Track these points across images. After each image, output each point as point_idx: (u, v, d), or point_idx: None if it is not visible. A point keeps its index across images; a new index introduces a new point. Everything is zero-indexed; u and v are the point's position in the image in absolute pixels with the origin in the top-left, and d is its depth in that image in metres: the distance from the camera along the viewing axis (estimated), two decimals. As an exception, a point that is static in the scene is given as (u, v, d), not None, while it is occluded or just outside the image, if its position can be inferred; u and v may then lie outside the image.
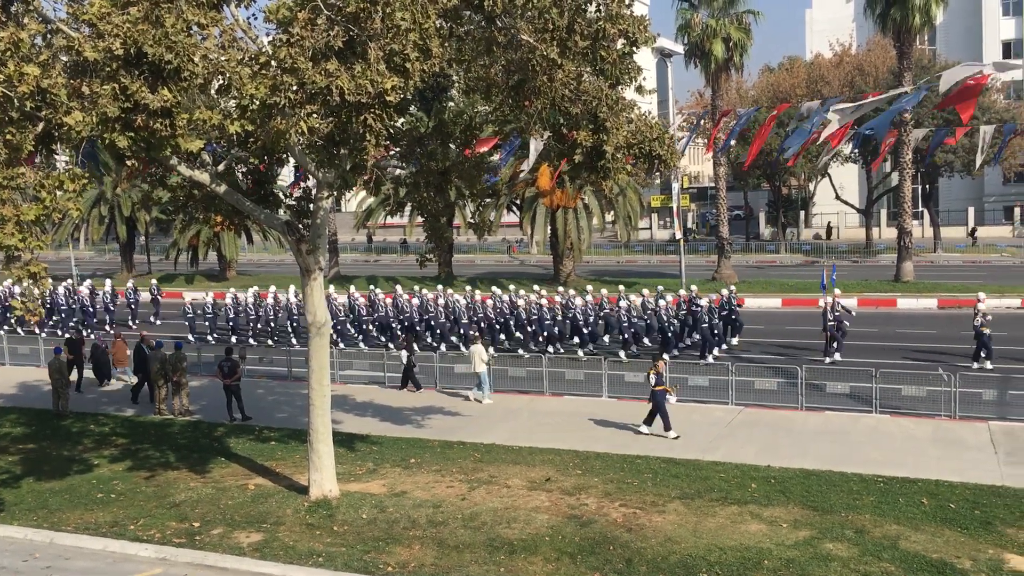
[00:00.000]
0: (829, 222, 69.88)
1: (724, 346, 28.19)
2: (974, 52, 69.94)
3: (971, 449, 17.55)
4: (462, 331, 29.64)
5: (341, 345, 29.78)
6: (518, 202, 47.45)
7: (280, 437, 20.03)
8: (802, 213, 73.38)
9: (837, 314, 26.16)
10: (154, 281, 39.82)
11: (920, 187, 60.72)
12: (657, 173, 53.70)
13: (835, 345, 26.04)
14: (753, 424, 19.91)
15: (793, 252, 60.58)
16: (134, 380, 24.89)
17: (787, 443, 18.37)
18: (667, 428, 19.06)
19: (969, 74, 22.24)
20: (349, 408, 22.45)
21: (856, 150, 55.75)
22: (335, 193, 15.52)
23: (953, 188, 71.24)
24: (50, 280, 35.22)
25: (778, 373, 22.76)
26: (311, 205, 16.09)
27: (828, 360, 25.32)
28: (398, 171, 17.81)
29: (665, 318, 27.63)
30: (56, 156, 14.37)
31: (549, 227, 45.23)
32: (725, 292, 28.91)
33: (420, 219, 19.80)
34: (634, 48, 13.57)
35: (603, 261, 59.73)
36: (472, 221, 20.68)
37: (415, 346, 25.43)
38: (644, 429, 19.33)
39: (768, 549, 12.92)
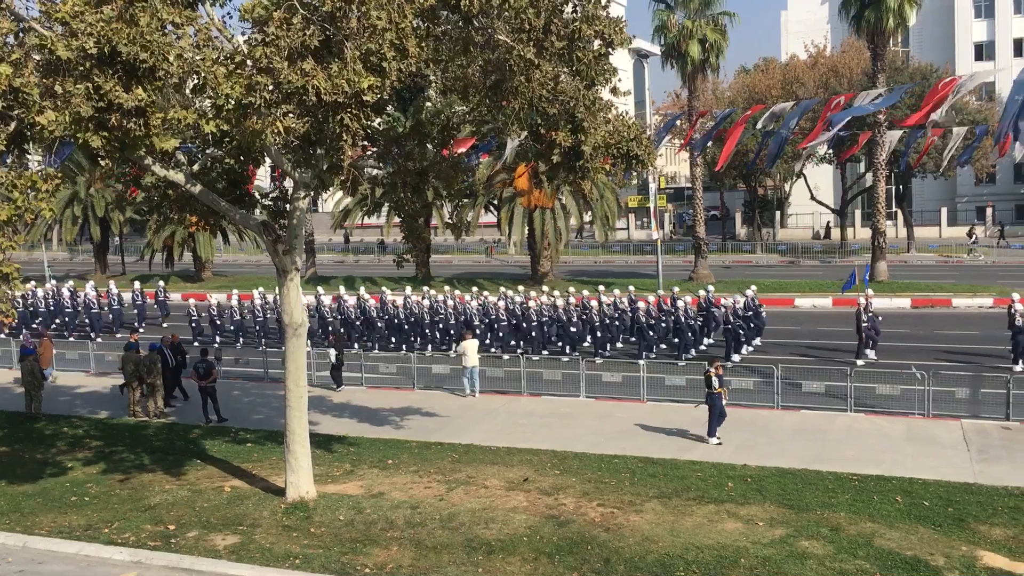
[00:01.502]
0: (828, 221, 69.78)
1: (749, 348, 27.73)
2: (947, 54, 70.72)
3: (944, 447, 17.74)
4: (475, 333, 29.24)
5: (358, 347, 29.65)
6: (496, 202, 47.44)
7: (256, 439, 19.91)
8: (778, 213, 73.86)
9: (870, 314, 25.90)
10: (161, 283, 39.42)
11: (894, 187, 61.30)
12: (634, 173, 53.86)
13: (870, 344, 25.71)
14: (730, 423, 19.97)
15: (769, 252, 60.98)
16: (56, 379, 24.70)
17: (763, 442, 18.48)
18: (711, 433, 18.61)
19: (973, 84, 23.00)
20: (326, 409, 22.36)
21: (831, 150, 56.19)
22: (312, 193, 15.46)
23: (926, 188, 71.99)
24: (54, 281, 34.44)
25: (754, 372, 22.89)
26: (287, 205, 16.02)
27: (861, 362, 24.95)
28: (375, 171, 17.75)
29: (684, 319, 27.18)
30: (28, 156, 14.21)
31: (527, 227, 45.27)
32: (750, 293, 28.33)
33: (397, 219, 19.75)
34: (610, 49, 13.61)
35: (581, 261, 59.87)
36: (450, 221, 20.67)
37: (344, 345, 25.46)
38: (713, 440, 18.60)
39: (745, 547, 13.00)
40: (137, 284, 38.14)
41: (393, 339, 30.51)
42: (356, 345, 30.05)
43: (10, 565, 13.63)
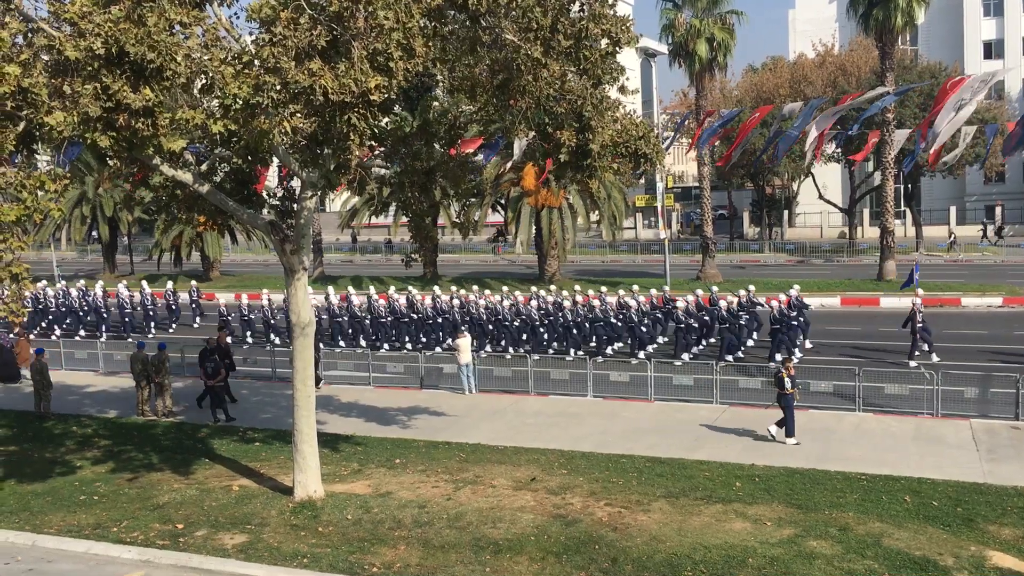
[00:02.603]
0: (854, 220, 69.24)
1: (807, 347, 27.18)
2: (955, 52, 70.45)
3: (953, 447, 17.67)
4: (502, 333, 28.86)
5: (386, 347, 29.51)
6: (503, 202, 47.46)
7: (264, 438, 19.96)
8: (785, 213, 73.70)
9: (923, 314, 25.24)
10: (194, 283, 39.29)
11: (902, 187, 61.10)
12: (642, 172, 53.80)
13: (927, 347, 25.03)
14: (737, 422, 19.97)
15: (777, 251, 60.83)
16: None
17: (771, 441, 18.42)
18: (789, 434, 18.24)
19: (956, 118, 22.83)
20: (334, 409, 22.39)
21: (839, 149, 56.04)
22: (319, 193, 15.47)
23: (935, 188, 71.71)
24: (83, 281, 33.98)
25: (762, 372, 22.84)
26: (295, 205, 16.05)
27: (915, 363, 24.19)
28: (382, 171, 17.76)
29: (727, 319, 26.57)
30: (37, 156, 14.28)
31: (534, 226, 45.27)
32: (793, 292, 27.65)
33: (405, 219, 19.74)
34: (617, 48, 13.59)
35: (588, 261, 59.82)
36: (457, 221, 20.70)
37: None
38: (791, 441, 18.15)
39: (753, 547, 12.97)
40: (170, 284, 38.08)
41: (423, 338, 30.11)
42: (385, 343, 29.99)
43: (19, 563, 13.69)
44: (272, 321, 32.43)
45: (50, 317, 36.39)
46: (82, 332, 35.27)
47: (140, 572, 13.27)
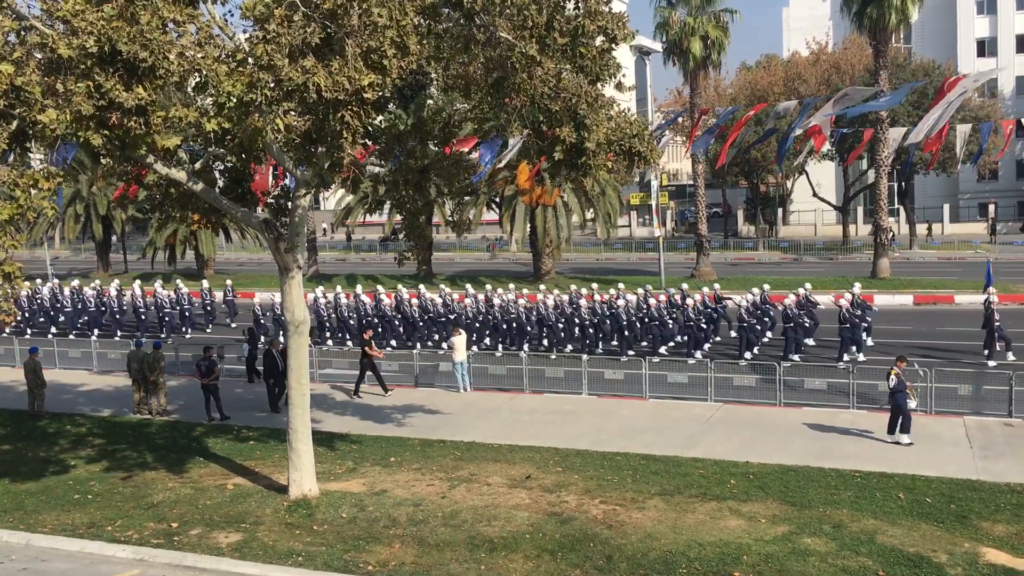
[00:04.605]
0: (887, 218, 68.71)
1: (867, 345, 26.58)
2: (949, 50, 70.55)
3: (947, 444, 17.72)
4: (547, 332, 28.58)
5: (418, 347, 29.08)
6: (498, 200, 47.43)
7: (259, 436, 19.93)
8: (779, 211, 73.78)
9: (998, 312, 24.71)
10: (228, 282, 39.00)
11: (896, 184, 61.18)
12: (641, 172, 53.81)
13: (1001, 344, 24.60)
14: (732, 420, 20.00)
15: (771, 249, 60.89)
16: None
17: (765, 439, 18.47)
18: (905, 430, 17.73)
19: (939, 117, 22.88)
20: (329, 407, 22.37)
21: (833, 147, 56.10)
22: (313, 191, 15.46)
23: (928, 185, 71.84)
24: (116, 281, 33.83)
25: (756, 370, 22.88)
26: (289, 203, 16.02)
27: (992, 363, 23.75)
28: (377, 169, 17.75)
29: (790, 316, 26.09)
30: (31, 154, 14.23)
31: (529, 225, 45.26)
32: (856, 289, 27.40)
33: (399, 217, 19.75)
34: (613, 44, 13.58)
35: (583, 259, 59.79)
36: (451, 219, 20.69)
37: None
38: (906, 439, 17.64)
39: (747, 544, 12.99)
40: (205, 283, 37.88)
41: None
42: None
43: (13, 563, 13.66)
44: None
45: (86, 317, 36.18)
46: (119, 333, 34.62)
47: (135, 571, 13.25)
